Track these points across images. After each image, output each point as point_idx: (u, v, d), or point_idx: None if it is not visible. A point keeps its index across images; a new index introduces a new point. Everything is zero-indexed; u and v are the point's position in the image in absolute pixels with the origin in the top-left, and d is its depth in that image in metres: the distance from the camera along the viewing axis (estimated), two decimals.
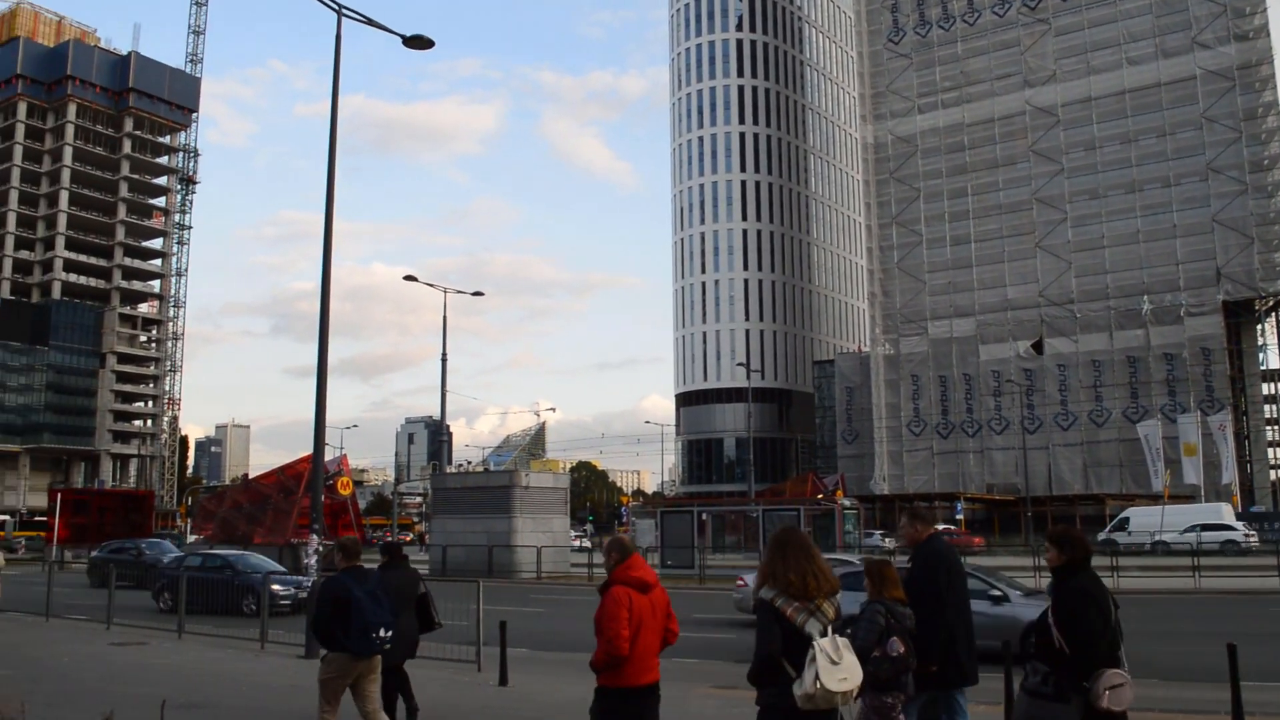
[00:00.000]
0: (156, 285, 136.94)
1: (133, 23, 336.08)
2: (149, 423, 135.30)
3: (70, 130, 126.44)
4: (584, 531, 77.60)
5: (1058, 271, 73.06)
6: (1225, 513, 49.95)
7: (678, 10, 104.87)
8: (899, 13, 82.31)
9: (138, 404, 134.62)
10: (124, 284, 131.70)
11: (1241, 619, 20.55)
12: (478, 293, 48.02)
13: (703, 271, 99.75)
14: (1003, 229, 75.66)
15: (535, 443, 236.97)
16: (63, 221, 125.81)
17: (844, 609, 5.41)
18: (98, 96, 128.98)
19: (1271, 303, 71.04)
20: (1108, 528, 53.03)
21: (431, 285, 45.79)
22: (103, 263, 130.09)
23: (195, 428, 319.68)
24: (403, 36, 17.68)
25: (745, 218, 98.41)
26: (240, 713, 10.63)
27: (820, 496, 52.66)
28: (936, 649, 6.67)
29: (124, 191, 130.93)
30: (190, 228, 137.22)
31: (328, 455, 26.10)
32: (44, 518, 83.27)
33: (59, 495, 57.41)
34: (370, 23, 17.07)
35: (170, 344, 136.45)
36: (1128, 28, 72.16)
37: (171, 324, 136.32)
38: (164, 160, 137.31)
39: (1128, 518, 52.49)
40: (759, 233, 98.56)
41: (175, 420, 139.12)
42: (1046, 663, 5.54)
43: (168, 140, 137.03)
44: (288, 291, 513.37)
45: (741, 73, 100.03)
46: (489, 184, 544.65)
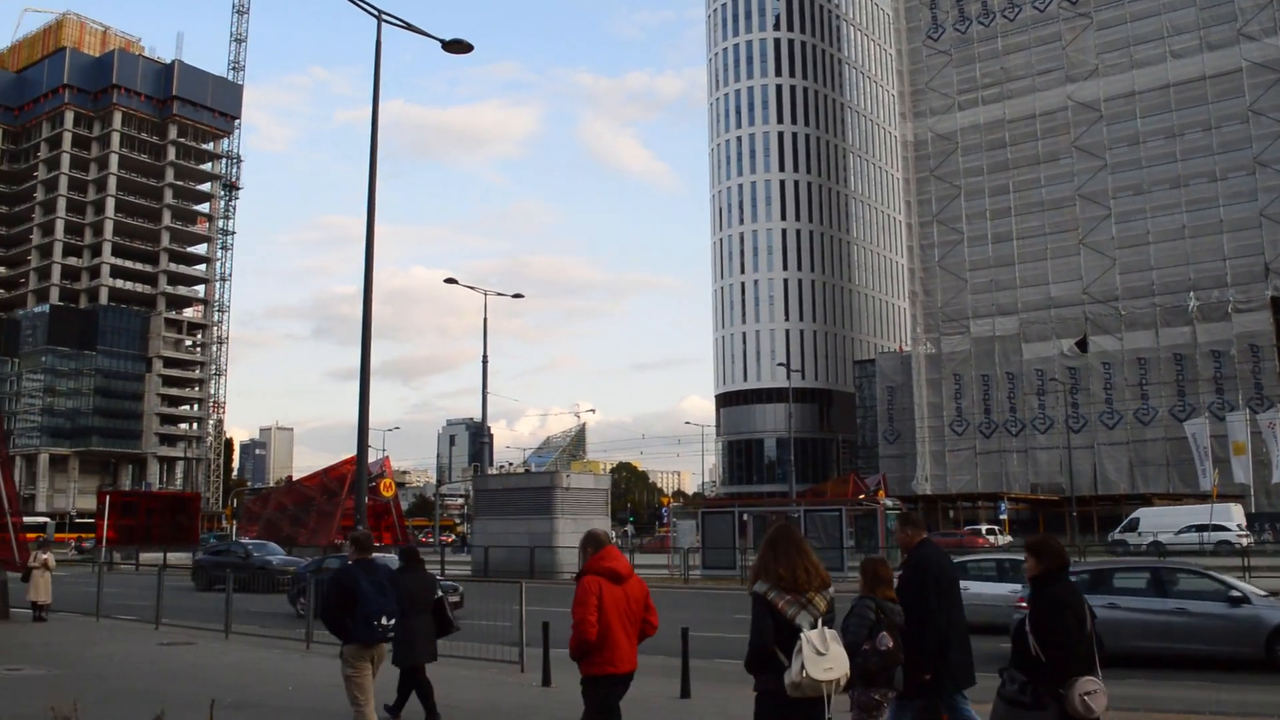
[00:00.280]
0: (201, 290, 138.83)
1: (176, 31, 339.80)
2: (194, 426, 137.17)
3: (116, 138, 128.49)
4: (625, 533, 77.71)
5: (1102, 268, 72.16)
6: (1234, 513, 49.61)
7: (715, 10, 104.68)
8: (938, 9, 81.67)
9: (183, 407, 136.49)
10: (169, 289, 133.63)
11: None
12: (518, 295, 48.17)
13: (742, 271, 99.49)
14: (1045, 226, 74.84)
15: (576, 444, 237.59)
16: (109, 228, 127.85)
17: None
18: (142, 105, 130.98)
19: None
20: (1118, 528, 52.57)
21: (472, 288, 46.09)
22: (148, 268, 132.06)
23: (240, 430, 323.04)
24: (442, 41, 17.81)
25: (784, 217, 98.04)
26: (288, 713, 10.75)
27: (862, 497, 52.41)
28: (925, 655, 6.72)
29: (168, 198, 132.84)
30: (233, 233, 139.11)
31: (370, 457, 26.32)
32: (87, 519, 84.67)
33: (107, 497, 58.25)
34: (409, 28, 17.21)
35: (215, 348, 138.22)
36: (1171, 20, 71.10)
37: (216, 328, 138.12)
38: (207, 167, 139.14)
39: (1138, 518, 51.99)
40: (798, 232, 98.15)
41: (220, 423, 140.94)
42: (1023, 670, 5.62)
43: (211, 147, 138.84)
44: (329, 295, 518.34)
45: (780, 72, 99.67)
46: (527, 186, 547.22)
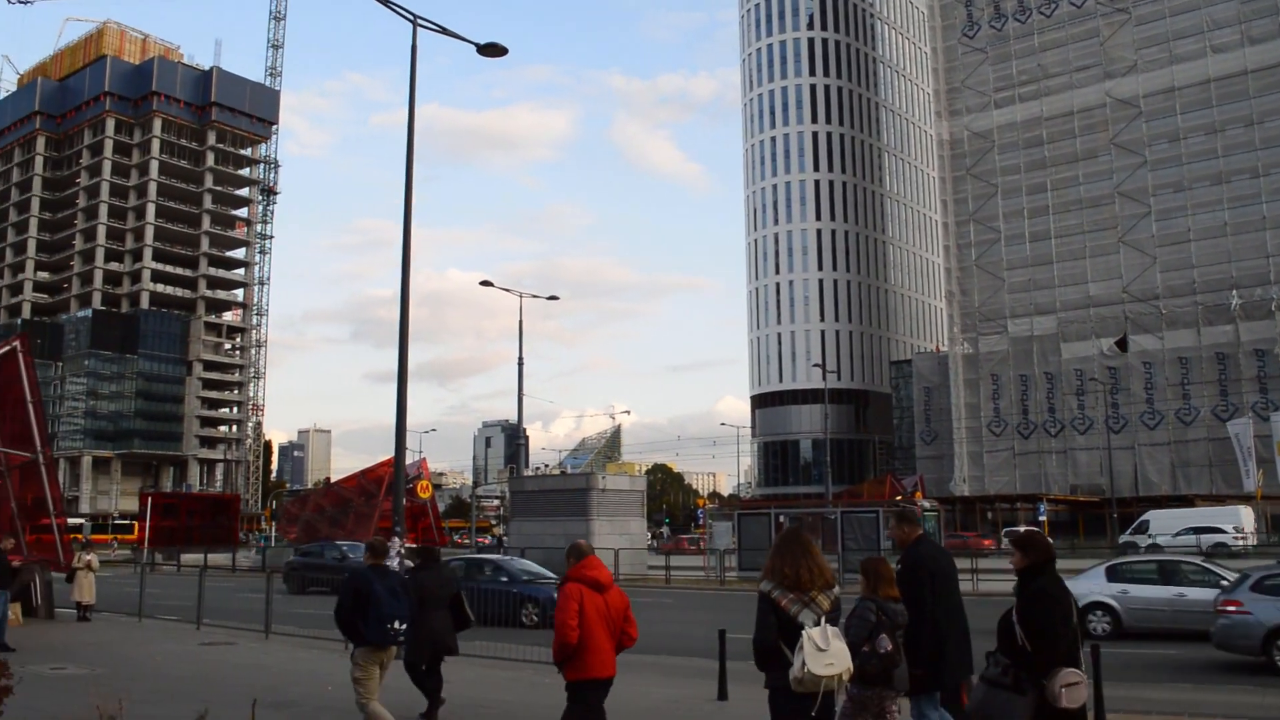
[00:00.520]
0: (240, 294, 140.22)
1: (214, 39, 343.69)
2: (234, 428, 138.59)
3: (156, 145, 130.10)
4: (661, 534, 77.67)
5: (1142, 267, 71.30)
6: (1243, 516, 49.27)
7: (748, 10, 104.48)
8: (973, 7, 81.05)
9: (223, 410, 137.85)
10: (209, 293, 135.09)
11: None
12: (553, 297, 48.46)
13: (777, 272, 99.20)
14: (1084, 224, 74.05)
15: (611, 445, 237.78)
16: (150, 234, 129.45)
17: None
18: (182, 111, 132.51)
19: None
20: (1129, 530, 52.13)
21: (507, 290, 46.31)
22: (188, 273, 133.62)
23: (279, 432, 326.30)
24: (477, 45, 17.89)
25: (819, 217, 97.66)
26: (326, 712, 10.83)
27: (899, 498, 52.13)
28: (919, 652, 6.73)
29: (208, 203, 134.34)
30: (272, 237, 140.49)
31: (407, 459, 26.44)
32: (124, 521, 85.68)
33: (149, 499, 58.86)
34: (445, 32, 17.29)
35: (254, 351, 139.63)
36: (1211, 14, 70.14)
37: (255, 331, 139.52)
38: (245, 172, 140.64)
39: (1148, 520, 51.53)
40: (833, 232, 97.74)
41: (259, 425, 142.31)
42: (1008, 656, 5.75)
43: (249, 152, 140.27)
44: (366, 298, 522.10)
45: (814, 71, 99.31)
46: (562, 189, 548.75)
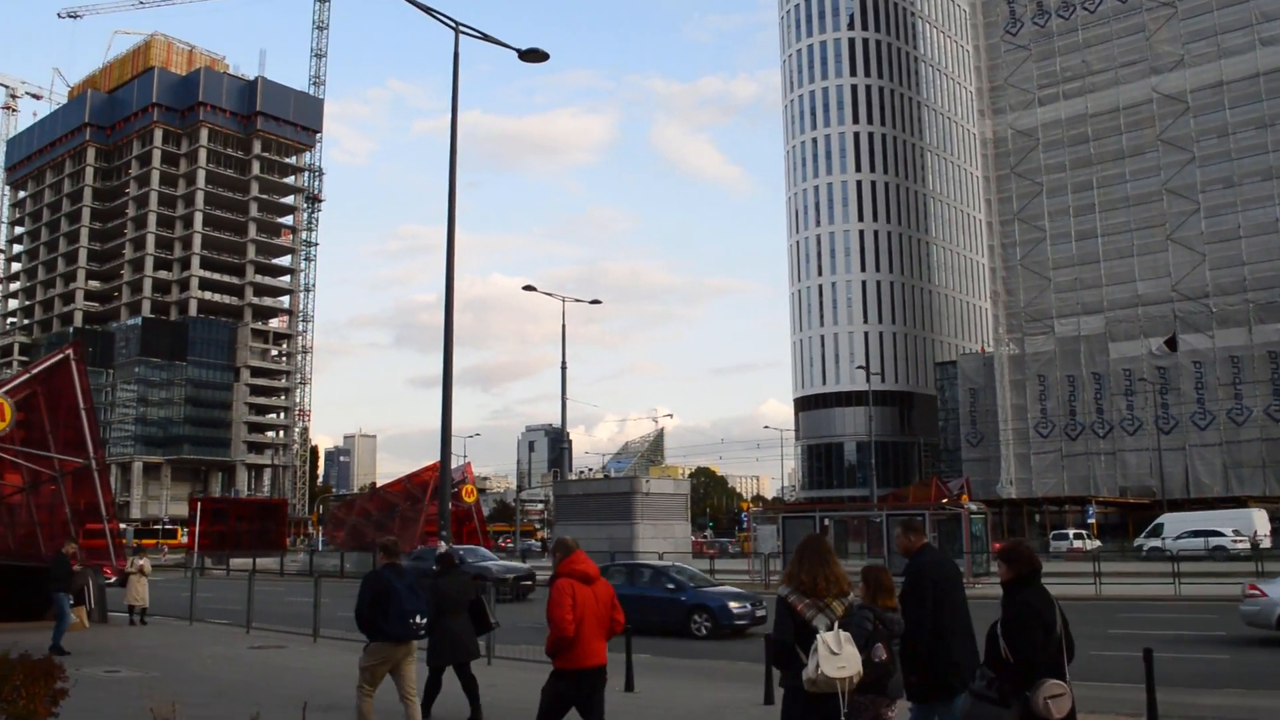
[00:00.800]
0: (286, 301, 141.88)
1: (259, 49, 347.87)
2: (281, 434, 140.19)
3: (203, 154, 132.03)
4: (704, 537, 77.55)
5: (1191, 264, 70.21)
6: (1257, 520, 48.74)
7: (788, 11, 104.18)
8: (1016, 4, 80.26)
9: (270, 416, 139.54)
10: (255, 300, 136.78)
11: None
12: (595, 300, 48.67)
13: (819, 274, 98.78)
14: (1131, 222, 73.05)
15: (654, 449, 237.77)
16: (197, 242, 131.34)
17: None
18: (227, 121, 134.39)
19: None
20: (1143, 534, 51.50)
21: (550, 294, 46.30)
22: (235, 280, 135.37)
23: (325, 438, 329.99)
24: (518, 50, 17.99)
25: (862, 218, 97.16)
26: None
27: (945, 501, 51.65)
28: (917, 660, 6.80)
29: (254, 211, 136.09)
30: (316, 244, 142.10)
31: (452, 463, 26.61)
32: (167, 526, 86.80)
33: (198, 504, 59.67)
34: (486, 38, 17.41)
35: (300, 357, 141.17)
36: (1260, 7, 68.93)
37: (301, 338, 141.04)
38: (290, 180, 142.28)
39: (1162, 523, 50.98)
40: (876, 233, 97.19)
41: (306, 431, 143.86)
42: (993, 669, 5.88)
43: (293, 160, 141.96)
44: (410, 303, 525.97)
45: (854, 72, 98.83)
46: (603, 193, 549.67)
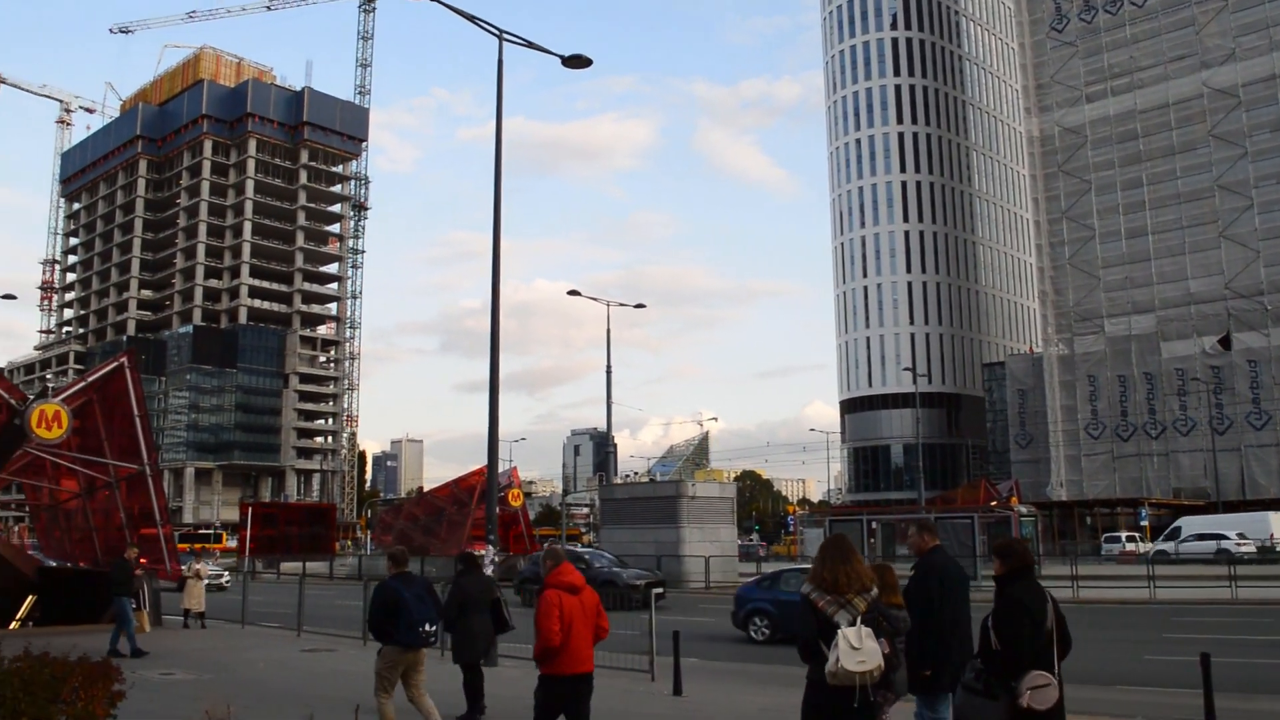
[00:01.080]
0: (334, 308, 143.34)
1: (305, 60, 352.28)
2: (329, 439, 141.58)
3: (251, 164, 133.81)
4: (750, 541, 77.28)
5: (1244, 261, 68.96)
6: (1274, 523, 48.09)
7: (830, 12, 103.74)
8: (1061, 0, 79.43)
9: (318, 421, 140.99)
10: (303, 308, 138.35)
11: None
12: (640, 305, 48.78)
13: (864, 275, 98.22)
14: (1183, 219, 71.90)
15: (699, 452, 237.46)
16: (247, 251, 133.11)
17: None
18: (275, 131, 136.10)
19: None
20: (1160, 537, 50.62)
21: (595, 299, 46.45)
22: (284, 288, 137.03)
23: (372, 443, 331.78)
24: (562, 57, 18.05)
25: (907, 219, 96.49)
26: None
27: (994, 503, 51.08)
28: (926, 655, 7.11)
29: (301, 220, 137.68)
30: (363, 252, 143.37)
31: (498, 468, 26.70)
32: (208, 530, 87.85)
33: (249, 509, 60.42)
34: (530, 45, 17.49)
35: (347, 363, 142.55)
36: None
37: (348, 344, 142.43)
38: (337, 189, 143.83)
39: (1180, 526, 50.25)
40: (921, 234, 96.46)
41: (354, 436, 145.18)
42: (984, 662, 6.09)
43: (340, 169, 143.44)
44: (455, 309, 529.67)
45: (898, 72, 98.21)
46: (646, 197, 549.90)
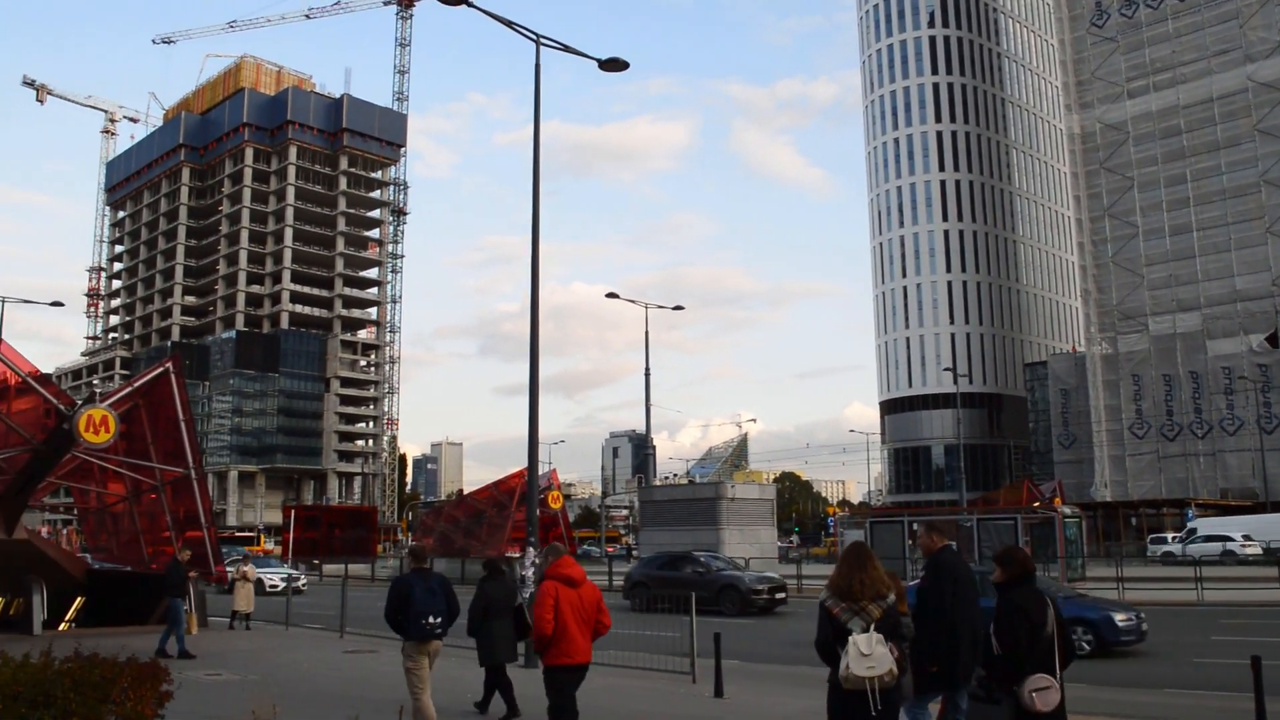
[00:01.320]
0: (374, 312, 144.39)
1: (344, 67, 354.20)
2: (370, 442, 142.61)
3: (292, 171, 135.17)
4: (790, 543, 76.98)
5: None
6: None
7: (867, 11, 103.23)
8: None
9: (359, 425, 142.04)
10: (344, 312, 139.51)
11: None
12: (678, 307, 48.48)
13: (904, 275, 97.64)
14: (1228, 215, 70.87)
15: (738, 454, 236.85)
16: (288, 256, 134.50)
17: None
18: (315, 138, 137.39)
19: None
20: (1175, 538, 49.96)
21: (633, 301, 46.59)
22: (324, 293, 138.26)
23: (412, 446, 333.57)
24: (599, 60, 18.08)
25: (946, 218, 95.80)
26: (470, 718, 11.11)
27: (1037, 504, 50.52)
28: (937, 652, 7.34)
29: (341, 225, 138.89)
30: (402, 256, 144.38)
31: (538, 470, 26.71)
32: (249, 533, 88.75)
33: (292, 512, 61.03)
34: (567, 49, 17.54)
35: (387, 367, 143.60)
36: None
37: (388, 348, 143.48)
38: (376, 194, 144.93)
39: (1195, 527, 49.71)
40: (961, 233, 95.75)
41: (394, 439, 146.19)
42: (985, 666, 6.31)
43: (379, 175, 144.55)
44: (493, 313, 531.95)
45: (936, 70, 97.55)
46: (683, 199, 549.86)
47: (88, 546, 32.04)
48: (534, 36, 17.15)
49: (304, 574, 43.04)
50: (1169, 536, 56.40)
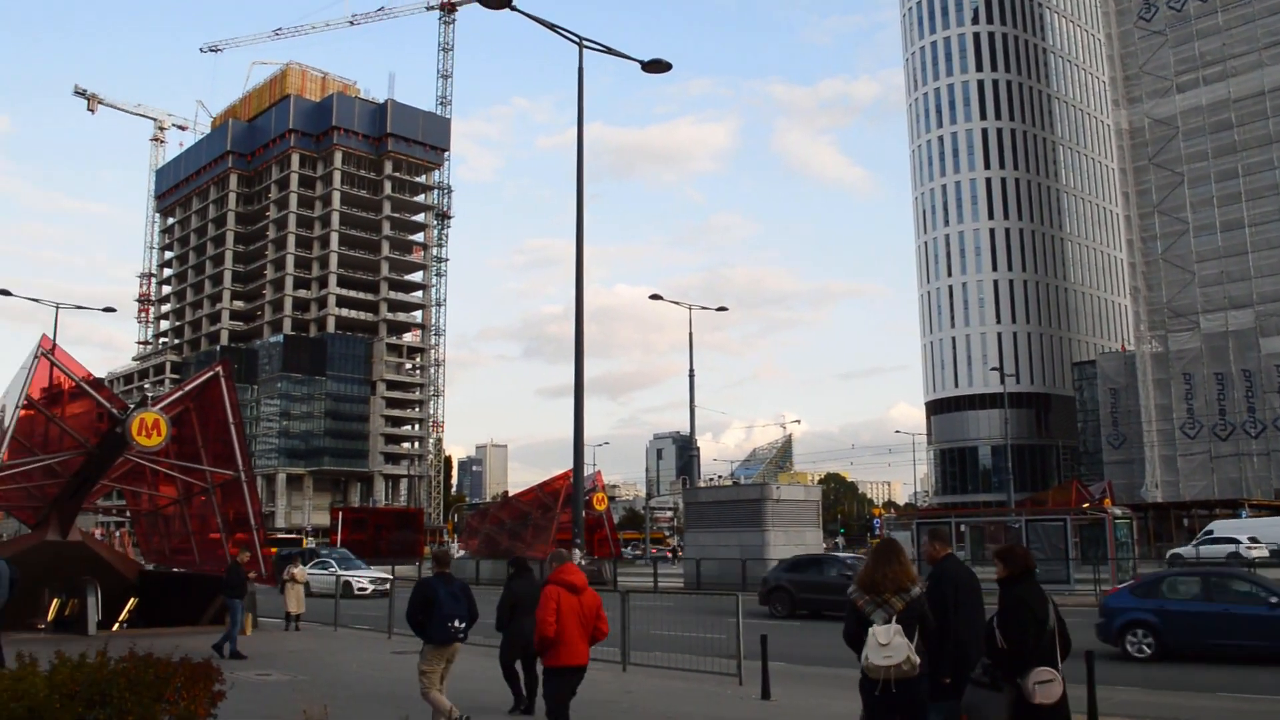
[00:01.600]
0: (419, 315, 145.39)
1: (388, 72, 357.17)
2: (416, 444, 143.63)
3: (337, 176, 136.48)
4: (836, 544, 76.58)
5: None
6: None
7: (910, 9, 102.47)
8: None
9: (405, 427, 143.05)
10: (390, 316, 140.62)
11: None
12: (722, 308, 48.32)
13: (949, 274, 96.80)
14: None
15: (782, 455, 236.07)
16: (334, 261, 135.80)
17: None
18: (360, 144, 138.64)
19: None
20: (1192, 541, 48.88)
21: (676, 303, 46.38)
22: (370, 297, 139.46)
23: (458, 448, 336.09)
24: (641, 62, 18.09)
25: (991, 216, 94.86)
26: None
27: (1086, 506, 49.93)
28: (944, 660, 7.27)
29: (386, 229, 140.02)
30: (447, 260, 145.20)
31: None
32: (288, 536, 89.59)
33: (340, 514, 61.63)
34: (610, 51, 17.58)
35: (433, 370, 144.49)
36: None
37: (433, 351, 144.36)
38: (421, 198, 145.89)
39: (1213, 529, 48.81)
40: (1007, 231, 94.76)
41: (440, 442, 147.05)
42: (990, 658, 6.52)
43: (423, 179, 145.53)
44: (537, 315, 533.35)
45: (980, 67, 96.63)
46: (725, 200, 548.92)
47: (140, 548, 32.46)
48: (577, 39, 17.21)
49: (382, 574, 36.86)
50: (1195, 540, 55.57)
